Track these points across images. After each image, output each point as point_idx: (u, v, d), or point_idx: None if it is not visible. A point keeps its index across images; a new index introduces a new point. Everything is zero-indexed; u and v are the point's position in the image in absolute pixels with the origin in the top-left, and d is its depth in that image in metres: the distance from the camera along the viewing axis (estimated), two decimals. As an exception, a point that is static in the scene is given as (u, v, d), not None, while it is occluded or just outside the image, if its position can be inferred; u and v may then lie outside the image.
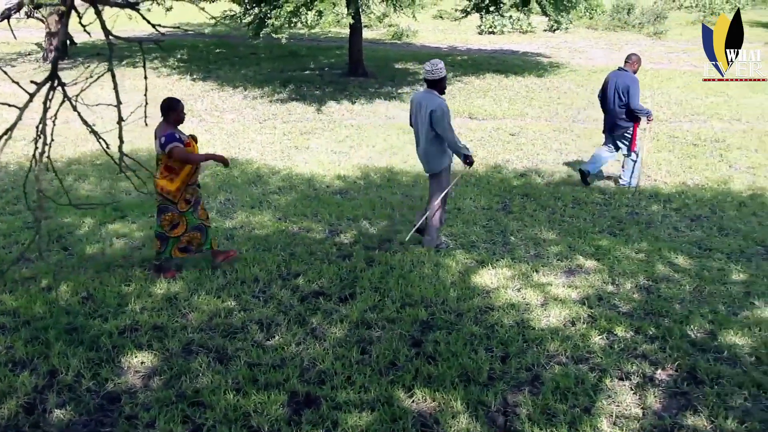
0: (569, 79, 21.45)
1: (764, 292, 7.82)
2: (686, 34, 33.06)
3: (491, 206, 10.55)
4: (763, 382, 6.13)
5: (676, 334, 6.83)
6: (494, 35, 32.44)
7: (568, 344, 6.61)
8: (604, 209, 10.51)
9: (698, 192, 11.35)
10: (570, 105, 17.83)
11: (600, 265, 8.42)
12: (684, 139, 14.46)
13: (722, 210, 10.55)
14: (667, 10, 37.71)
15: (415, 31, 31.48)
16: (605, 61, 25.20)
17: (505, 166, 12.64)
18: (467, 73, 22.17)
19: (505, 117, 16.35)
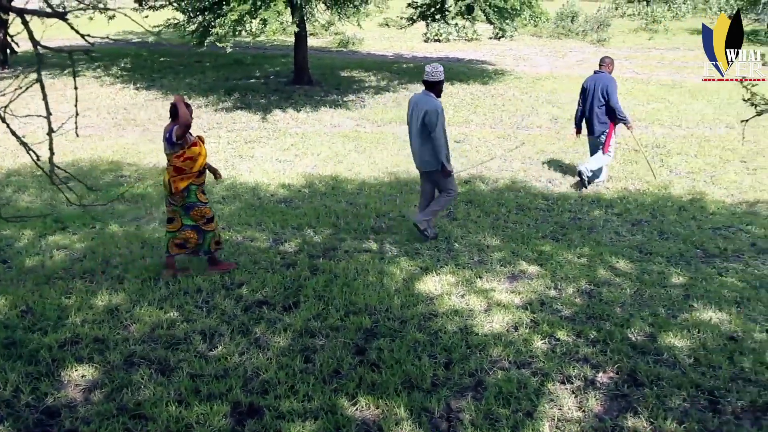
0: (514, 86, 21.64)
1: (703, 295, 7.95)
2: (629, 42, 33.59)
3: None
4: (701, 382, 6.23)
5: (617, 338, 6.91)
6: (440, 43, 32.64)
7: (511, 349, 6.66)
8: (547, 215, 10.61)
9: (639, 197, 11.52)
10: (514, 112, 17.98)
11: (543, 270, 8.50)
12: (626, 145, 14.63)
13: (662, 214, 10.70)
14: (610, 18, 38.28)
15: (361, 39, 31.54)
16: (549, 68, 25.52)
17: (449, 173, 12.71)
18: (413, 81, 22.23)
19: (450, 124, 16.31)
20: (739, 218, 10.58)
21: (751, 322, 7.37)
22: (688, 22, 42.82)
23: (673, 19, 42.96)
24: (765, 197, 11.50)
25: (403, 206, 10.81)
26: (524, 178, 12.34)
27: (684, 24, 41.17)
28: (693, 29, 38.23)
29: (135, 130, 16.13)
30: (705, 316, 7.44)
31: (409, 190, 11.64)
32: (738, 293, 8.05)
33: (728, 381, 6.28)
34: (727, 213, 10.83)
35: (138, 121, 17.11)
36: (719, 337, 7.03)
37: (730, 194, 11.74)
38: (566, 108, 18.28)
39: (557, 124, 16.66)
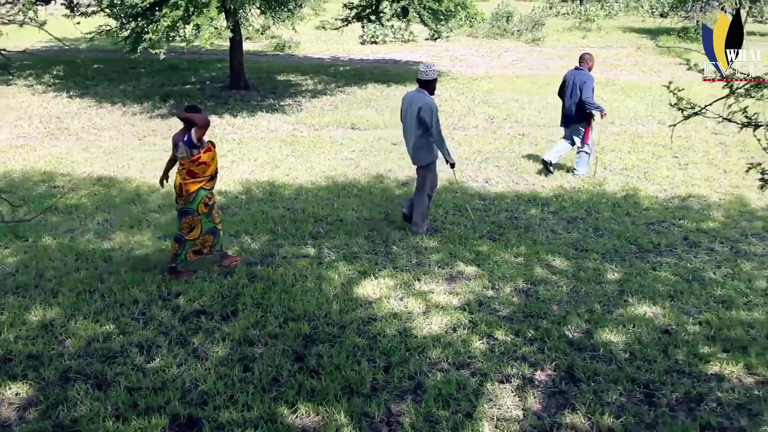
0: (450, 87, 21.73)
1: (637, 290, 8.09)
2: (563, 41, 33.98)
3: (373, 216, 10.59)
4: (636, 376, 6.34)
5: (554, 335, 7.00)
6: (376, 45, 32.69)
7: (450, 351, 6.70)
8: (485, 215, 10.67)
9: (575, 194, 11.65)
10: (451, 113, 18.05)
11: (480, 271, 8.56)
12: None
13: (597, 211, 10.85)
14: (545, 17, 38.72)
15: (297, 43, 31.43)
16: (485, 68, 25.69)
17: (387, 175, 12.71)
18: (350, 84, 22.25)
19: (387, 126, 16.43)
20: (672, 213, 10.77)
21: (684, 315, 7.52)
22: (621, 20, 43.52)
23: (606, 17, 43.64)
24: (696, 191, 11.72)
25: (341, 210, 10.80)
26: (461, 178, 12.39)
27: (617, 22, 41.83)
28: (625, 27, 38.88)
29: (68, 139, 15.85)
30: (640, 311, 7.57)
31: (347, 194, 11.63)
32: (671, 287, 8.20)
33: (663, 374, 6.41)
34: (660, 208, 11.02)
35: (71, 129, 16.82)
36: (654, 330, 7.16)
37: (663, 189, 11.95)
38: (502, 108, 18.45)
39: (493, 124, 16.78)
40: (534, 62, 27.41)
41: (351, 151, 14.45)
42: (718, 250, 9.42)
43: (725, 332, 7.16)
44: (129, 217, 10.61)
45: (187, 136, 8.01)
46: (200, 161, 8.11)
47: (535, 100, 19.76)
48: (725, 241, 9.71)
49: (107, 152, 14.79)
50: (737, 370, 6.50)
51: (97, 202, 11.38)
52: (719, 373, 6.46)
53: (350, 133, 16.13)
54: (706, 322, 7.39)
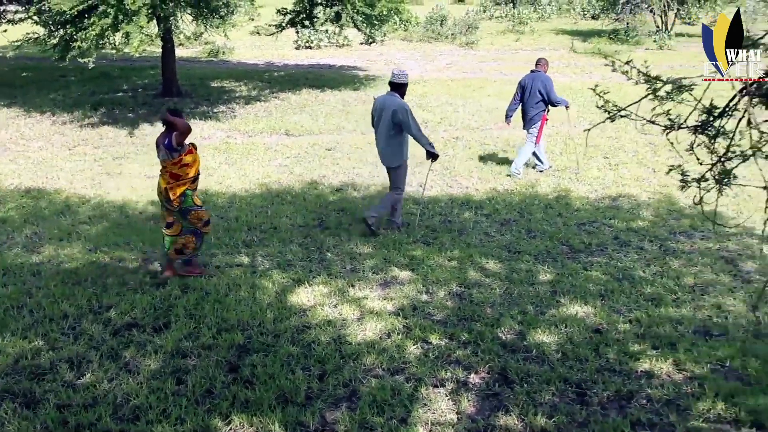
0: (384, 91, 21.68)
1: (569, 290, 8.20)
2: (497, 43, 34.30)
3: (308, 223, 10.55)
4: (569, 376, 6.42)
5: (487, 338, 7.05)
6: (311, 50, 32.62)
7: (384, 356, 6.70)
8: (419, 219, 10.70)
9: (508, 197, 11.76)
10: (386, 117, 18.11)
11: (414, 275, 8.59)
12: (494, 146, 14.97)
13: (530, 213, 10.97)
14: (479, 20, 39.01)
15: (231, 48, 31.21)
16: (420, 72, 25.79)
17: (321, 181, 12.69)
18: (284, 89, 22.16)
19: (322, 132, 16.44)
20: (603, 213, 10.94)
21: (615, 314, 7.63)
22: (554, 22, 44.07)
23: (539, 20, 44.14)
24: (626, 191, 11.92)
25: (275, 217, 10.74)
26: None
27: (549, 25, 42.34)
28: (558, 29, 39.37)
29: (-4, 152, 15.55)
30: (571, 311, 7.67)
31: (281, 201, 11.58)
32: (602, 286, 8.33)
33: (594, 373, 6.49)
34: (591, 208, 11.18)
35: (-1, 140, 16.50)
36: (585, 330, 7.26)
37: (594, 190, 12.12)
38: (436, 111, 18.53)
39: (427, 128, 16.83)
40: (468, 65, 27.62)
41: (285, 157, 14.40)
42: (648, 248, 9.59)
43: (654, 329, 7.29)
44: (58, 229, 10.42)
45: (168, 139, 8.15)
46: (182, 163, 8.25)
47: (468, 103, 19.90)
48: (654, 239, 9.89)
49: (36, 163, 14.52)
50: (666, 366, 6.61)
51: (26, 214, 11.16)
52: (649, 370, 6.57)
53: (284, 140, 16.07)
54: (636, 320, 7.51)
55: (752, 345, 7.02)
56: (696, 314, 7.70)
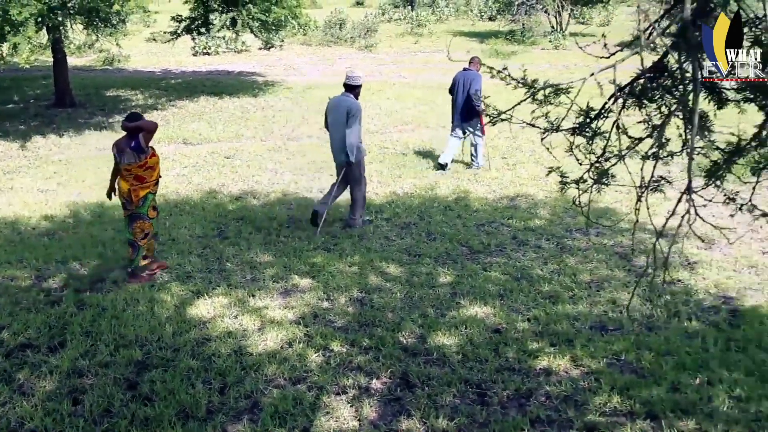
0: (284, 97, 21.71)
1: (469, 291, 8.29)
2: (396, 46, 34.53)
3: (207, 233, 10.40)
4: (469, 377, 6.50)
5: (388, 342, 7.08)
6: (209, 56, 32.29)
7: (286, 366, 6.67)
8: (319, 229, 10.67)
9: (407, 200, 11.81)
10: (285, 123, 18.03)
11: (315, 283, 8.56)
12: (394, 150, 15.03)
13: (430, 215, 11.03)
14: (377, 23, 39.18)
15: (127, 56, 30.64)
16: (319, 77, 25.78)
17: (220, 190, 12.54)
18: (181, 97, 21.86)
19: (220, 140, 16.27)
20: (501, 213, 11.09)
21: (514, 313, 7.75)
22: (452, 24, 44.58)
23: (437, 22, 44.60)
24: (524, 191, 12.11)
25: (173, 229, 10.56)
26: (296, 189, 12.40)
27: (447, 26, 42.82)
28: (456, 31, 39.84)
29: None
30: (471, 312, 7.76)
31: (179, 212, 11.40)
32: (501, 286, 8.45)
33: (494, 372, 6.59)
34: (489, 209, 11.33)
35: None
36: (485, 330, 7.36)
37: (492, 190, 12.29)
38: (336, 116, 18.53)
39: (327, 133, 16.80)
40: (367, 68, 27.69)
41: (183, 167, 14.20)
42: (545, 246, 9.77)
43: (552, 327, 7.44)
44: (-54, 248, 10.06)
45: (135, 142, 8.38)
46: (147, 166, 8.54)
47: (368, 107, 19.88)
48: (551, 237, 10.08)
49: None
50: (564, 363, 6.75)
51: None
52: (547, 367, 6.70)
53: (182, 149, 15.84)
54: (534, 318, 7.65)
55: (646, 338, 7.23)
56: (592, 310, 7.88)
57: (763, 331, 7.38)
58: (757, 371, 6.63)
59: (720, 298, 8.24)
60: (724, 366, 6.71)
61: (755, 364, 6.75)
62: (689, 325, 7.56)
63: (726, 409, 6.03)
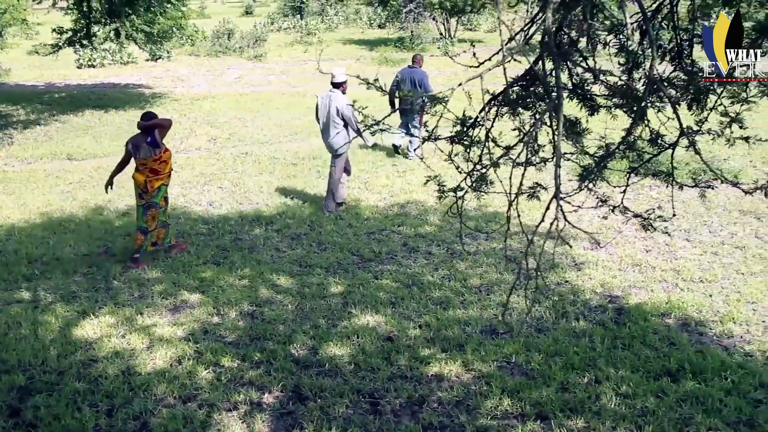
0: (172, 109, 21.32)
1: (360, 300, 8.30)
2: (285, 55, 34.40)
3: (93, 251, 10.11)
4: (361, 387, 6.51)
5: (280, 356, 7.03)
6: (94, 68, 31.49)
7: (175, 384, 6.56)
8: (208, 239, 10.50)
9: (298, 210, 11.73)
10: (173, 136, 17.64)
11: (205, 298, 8.43)
12: (284, 160, 14.94)
13: (320, 225, 10.98)
14: (267, 32, 38.95)
15: (8, 70, 29.65)
16: (207, 88, 25.49)
17: (106, 206, 12.21)
18: (65, 111, 21.25)
19: (107, 155, 15.82)
20: (392, 220, 11.14)
21: (405, 320, 7.80)
22: (341, 32, 44.70)
23: (327, 30, 44.64)
24: (414, 197, 12.19)
25: (58, 248, 10.24)
26: (184, 203, 12.19)
27: (337, 35, 42.90)
28: (346, 39, 39.95)
29: None
30: (363, 321, 7.78)
31: (64, 230, 11.05)
32: (393, 294, 8.49)
33: (386, 381, 6.62)
34: (380, 217, 11.36)
35: None
36: (377, 339, 7.38)
37: (383, 198, 12.33)
38: (225, 127, 18.31)
39: (216, 144, 16.64)
40: (256, 79, 27.55)
41: (68, 183, 13.79)
42: (435, 252, 9.85)
43: (444, 332, 7.51)
44: None
45: (151, 137, 9.33)
46: (161, 160, 9.47)
47: (258, 117, 19.81)
48: (441, 243, 10.17)
49: None
50: (455, 368, 6.83)
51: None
52: (439, 373, 6.76)
53: (67, 165, 15.39)
54: (425, 324, 7.71)
55: (535, 339, 7.37)
56: (483, 314, 7.98)
57: (647, 328, 7.60)
58: (642, 367, 6.82)
59: (606, 297, 8.46)
60: (611, 364, 6.89)
61: (640, 361, 6.95)
62: (577, 324, 7.74)
63: (613, 406, 6.19)
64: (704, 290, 8.62)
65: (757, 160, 14.07)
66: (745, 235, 10.32)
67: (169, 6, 21.44)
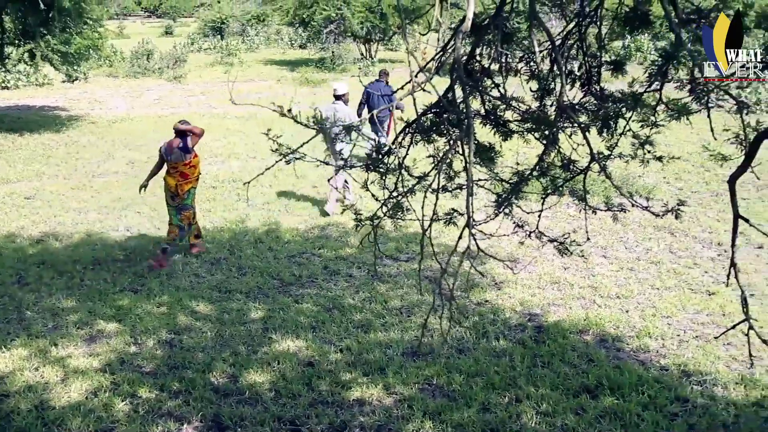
0: (89, 132, 20.94)
1: (281, 325, 8.23)
2: (205, 76, 34.13)
3: (4, 281, 9.78)
4: (282, 414, 6.46)
5: (199, 385, 6.92)
6: (8, 90, 30.71)
7: (91, 418, 6.41)
8: (126, 266, 10.29)
9: (217, 234, 11.58)
10: (89, 159, 17.35)
11: (121, 327, 8.25)
12: (203, 183, 14.71)
13: (240, 249, 10.85)
14: (187, 53, 38.57)
15: None
16: (126, 110, 25.12)
17: (19, 233, 11.86)
18: (-22, 136, 20.70)
19: (20, 179, 15.45)
20: (312, 243, 11.08)
21: (326, 345, 7.76)
22: (262, 53, 44.57)
23: (248, 51, 44.48)
24: (334, 219, 12.14)
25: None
26: (101, 229, 11.93)
27: (258, 55, 42.76)
28: (267, 60, 39.83)
29: None
30: (284, 346, 7.71)
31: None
32: (313, 318, 8.44)
33: (307, 407, 6.58)
34: (301, 239, 11.29)
35: None
36: (298, 365, 7.33)
37: (303, 220, 12.26)
38: (143, 150, 17.99)
39: (135, 167, 16.34)
40: (176, 100, 27.26)
41: (-23, 211, 13.41)
42: (356, 275, 9.84)
43: (365, 356, 7.49)
44: None
45: (183, 143, 10.03)
46: (191, 164, 10.17)
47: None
48: (362, 265, 10.15)
49: None
50: (377, 392, 6.81)
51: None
52: (361, 397, 6.74)
53: (-24, 191, 14.96)
54: (347, 348, 7.68)
55: (456, 361, 7.39)
56: (404, 336, 7.98)
57: (566, 345, 7.71)
58: (562, 385, 6.91)
59: (526, 316, 8.55)
60: (531, 382, 6.96)
61: (559, 378, 7.03)
62: (497, 344, 7.79)
63: (534, 425, 6.25)
64: (621, 306, 8.78)
65: (670, 176, 14.42)
66: (660, 251, 10.56)
67: (85, 27, 21.09)
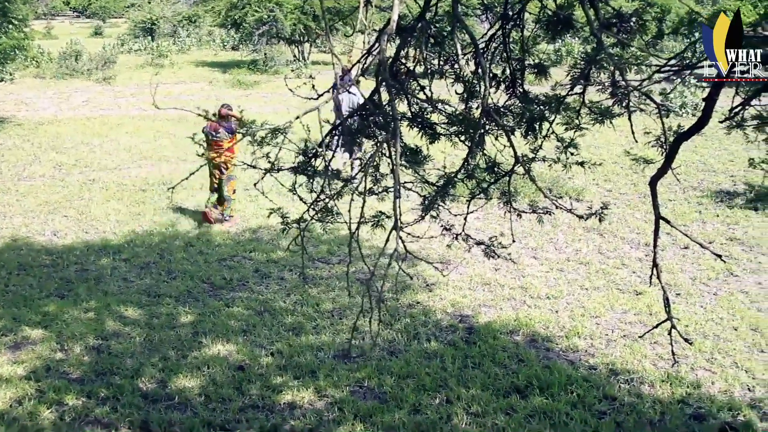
0: (14, 134, 20.45)
1: (211, 329, 8.17)
2: (135, 78, 33.58)
3: (-74, 287, 9.58)
4: (212, 419, 6.42)
5: (128, 391, 6.84)
6: (-69, 92, 29.96)
7: (15, 427, 6.30)
8: (52, 271, 10.08)
9: (147, 238, 11.42)
10: (15, 162, 16.94)
11: (48, 333, 8.09)
12: (133, 186, 14.53)
13: (170, 253, 10.72)
14: (116, 54, 37.94)
15: None
16: (53, 112, 24.60)
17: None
18: None
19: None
20: (243, 246, 11.01)
21: (257, 348, 7.73)
22: (194, 54, 44.08)
23: (179, 52, 43.94)
24: (266, 223, 12.05)
25: None
26: (26, 233, 11.68)
27: (190, 57, 42.27)
28: (199, 62, 39.39)
29: None
30: (214, 351, 7.66)
31: None
32: (244, 321, 8.39)
33: (238, 412, 6.55)
34: (232, 243, 11.21)
35: None
36: (228, 369, 7.28)
37: (235, 223, 12.18)
38: (71, 153, 17.66)
39: (61, 171, 16.01)
40: (105, 102, 26.78)
41: None
42: (288, 278, 9.80)
43: (296, 359, 7.48)
44: None
45: (229, 125, 11.54)
46: (234, 142, 11.59)
47: (106, 142, 19.20)
48: (294, 268, 10.11)
49: None
50: (308, 395, 6.81)
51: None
52: (292, 401, 6.73)
53: None
54: (278, 351, 7.65)
55: (388, 363, 7.42)
56: (335, 339, 7.98)
57: (496, 346, 7.79)
58: (492, 385, 6.98)
59: (457, 317, 8.61)
60: (462, 383, 7.02)
61: (490, 379, 7.11)
62: (429, 345, 7.84)
63: (464, 426, 6.30)
64: (551, 306, 8.90)
65: (599, 178, 14.66)
66: (589, 251, 10.73)
67: (10, 27, 20.64)
